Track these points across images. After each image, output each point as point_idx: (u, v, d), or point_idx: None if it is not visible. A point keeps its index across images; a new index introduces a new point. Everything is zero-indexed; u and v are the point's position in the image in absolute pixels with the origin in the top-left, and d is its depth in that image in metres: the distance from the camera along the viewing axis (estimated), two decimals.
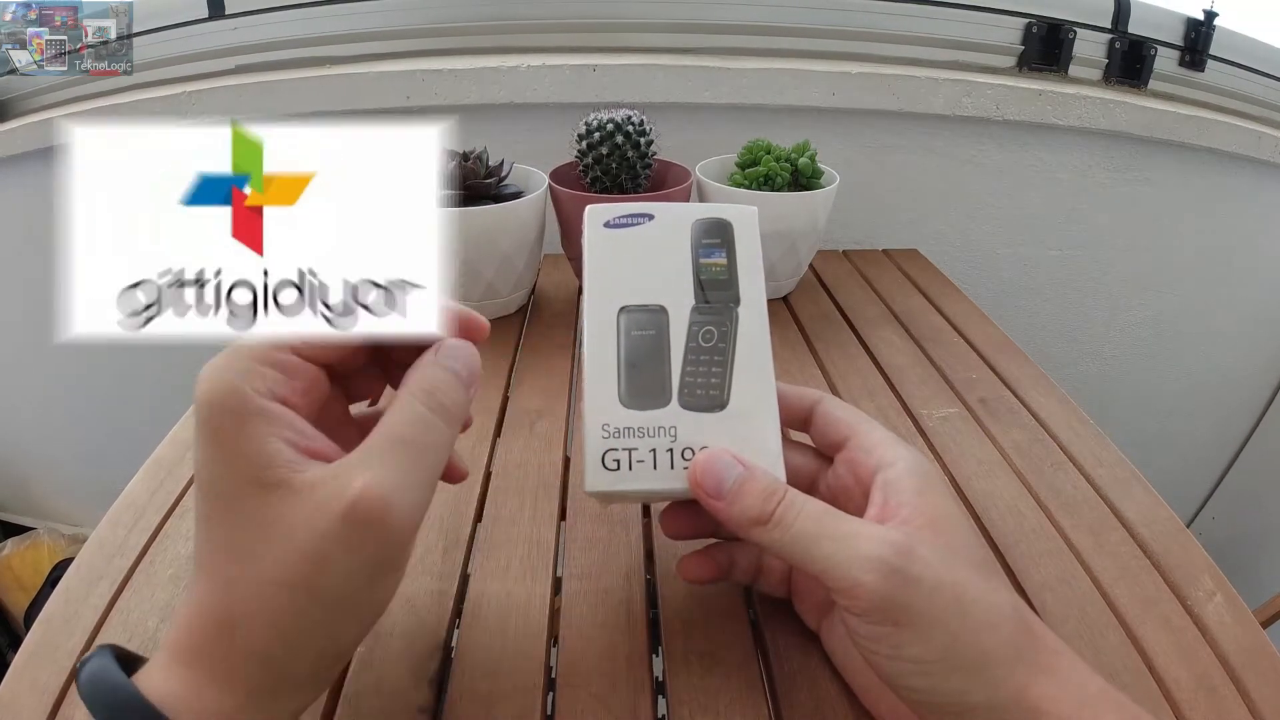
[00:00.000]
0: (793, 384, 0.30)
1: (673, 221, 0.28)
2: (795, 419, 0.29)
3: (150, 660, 0.21)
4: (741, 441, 0.26)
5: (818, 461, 0.29)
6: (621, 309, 0.27)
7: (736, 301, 0.27)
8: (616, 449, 0.25)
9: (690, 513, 0.30)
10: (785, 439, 0.28)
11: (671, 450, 0.25)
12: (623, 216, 0.29)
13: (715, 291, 0.27)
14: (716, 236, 0.28)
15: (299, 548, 0.20)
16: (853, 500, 0.27)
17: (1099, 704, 0.21)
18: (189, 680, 0.19)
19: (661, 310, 0.27)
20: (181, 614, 0.20)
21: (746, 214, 0.29)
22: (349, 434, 0.25)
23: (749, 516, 0.24)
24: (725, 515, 0.25)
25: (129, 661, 0.21)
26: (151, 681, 0.19)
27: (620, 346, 0.26)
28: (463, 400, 0.23)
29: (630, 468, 0.25)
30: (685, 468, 0.25)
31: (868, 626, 0.23)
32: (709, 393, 0.26)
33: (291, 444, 0.21)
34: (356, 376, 0.26)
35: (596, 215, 0.29)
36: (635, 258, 0.28)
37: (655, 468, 0.25)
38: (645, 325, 0.27)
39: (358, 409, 0.27)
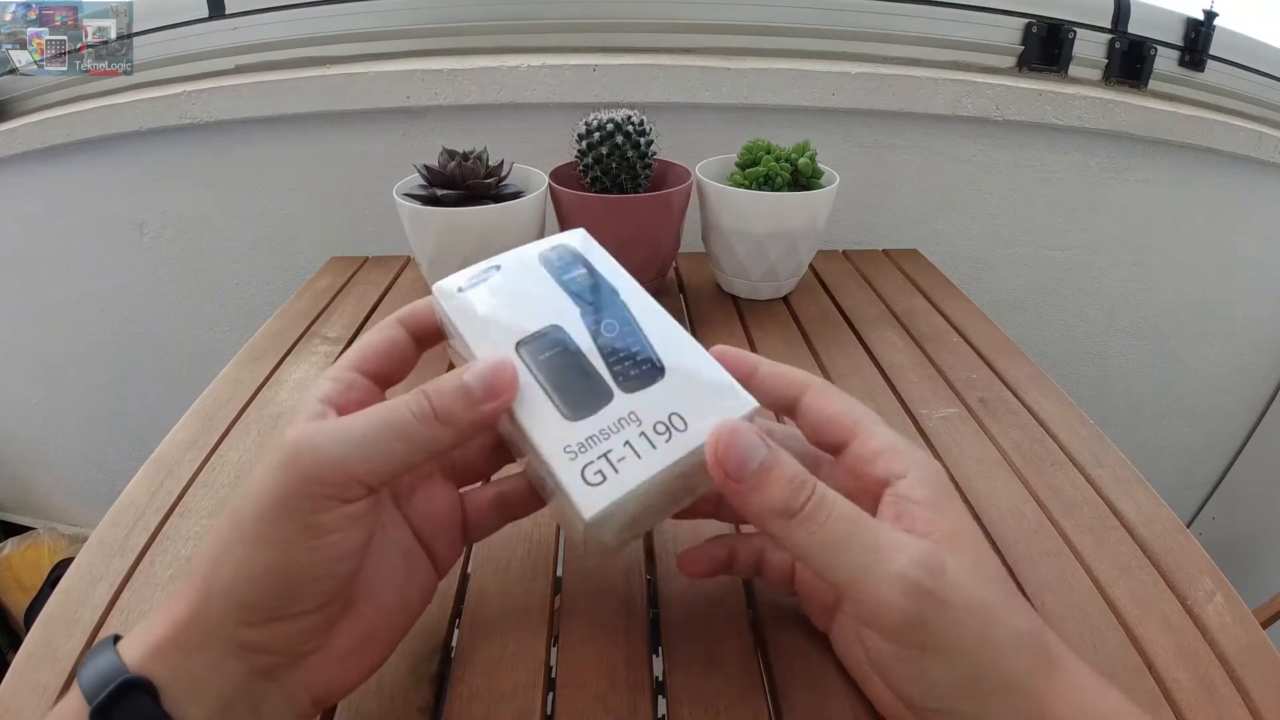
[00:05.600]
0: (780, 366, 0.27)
1: (520, 261, 0.29)
2: (779, 407, 0.27)
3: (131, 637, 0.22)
4: (699, 393, 0.25)
5: (810, 457, 0.28)
6: (518, 344, 0.26)
7: (615, 292, 0.28)
8: (592, 460, 0.24)
9: (708, 553, 0.30)
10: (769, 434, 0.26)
11: (644, 433, 0.24)
12: (473, 277, 0.28)
13: (592, 294, 0.28)
14: (567, 256, 0.29)
15: (252, 482, 0.22)
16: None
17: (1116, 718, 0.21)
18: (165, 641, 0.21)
19: (556, 327, 0.27)
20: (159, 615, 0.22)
21: (578, 236, 0.30)
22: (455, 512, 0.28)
23: (772, 506, 0.22)
24: (744, 501, 0.22)
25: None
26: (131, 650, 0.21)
27: (536, 375, 0.25)
28: (461, 415, 0.23)
29: (615, 470, 0.24)
30: (667, 440, 0.24)
31: (890, 647, 0.22)
32: (642, 368, 0.26)
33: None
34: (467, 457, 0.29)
35: (446, 287, 0.28)
36: (503, 302, 0.27)
37: (640, 456, 0.24)
38: (549, 346, 0.26)
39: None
